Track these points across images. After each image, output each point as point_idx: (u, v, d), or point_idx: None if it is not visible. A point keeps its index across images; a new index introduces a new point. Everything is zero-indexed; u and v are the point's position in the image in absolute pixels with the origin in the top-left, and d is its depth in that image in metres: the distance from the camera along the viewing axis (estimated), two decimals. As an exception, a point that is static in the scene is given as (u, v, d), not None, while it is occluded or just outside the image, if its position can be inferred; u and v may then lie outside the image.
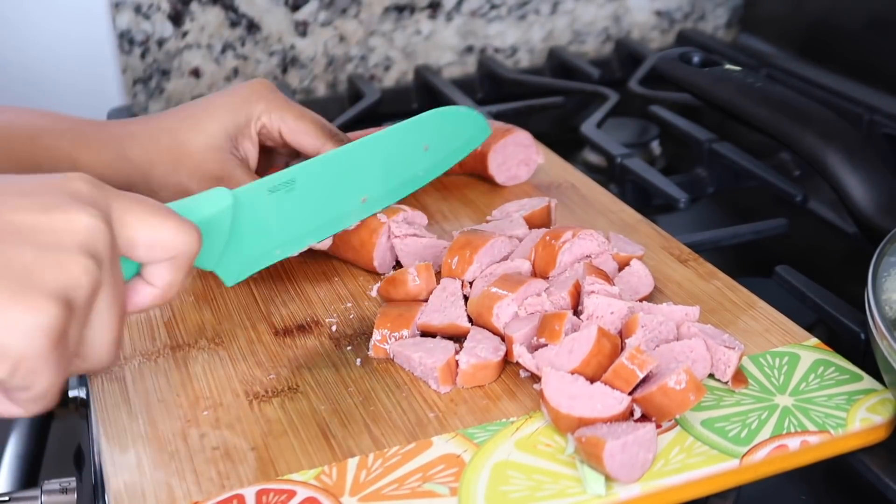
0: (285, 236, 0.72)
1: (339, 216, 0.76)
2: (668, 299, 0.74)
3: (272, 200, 0.70)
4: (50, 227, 0.50)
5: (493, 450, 0.60)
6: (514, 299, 0.68)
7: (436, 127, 0.82)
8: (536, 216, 0.81)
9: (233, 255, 0.67)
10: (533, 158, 0.94)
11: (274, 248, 0.71)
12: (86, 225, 0.50)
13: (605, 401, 0.60)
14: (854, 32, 1.15)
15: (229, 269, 0.67)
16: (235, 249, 0.67)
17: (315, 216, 0.73)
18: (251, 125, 0.81)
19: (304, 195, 0.72)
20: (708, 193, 1.03)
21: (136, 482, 0.59)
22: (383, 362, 0.69)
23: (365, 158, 0.77)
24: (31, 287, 0.48)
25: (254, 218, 0.68)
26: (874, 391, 0.64)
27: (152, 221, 0.54)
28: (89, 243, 0.50)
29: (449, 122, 0.83)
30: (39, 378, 0.49)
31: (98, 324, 0.52)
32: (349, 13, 1.27)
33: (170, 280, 0.56)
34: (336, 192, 0.75)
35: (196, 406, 0.65)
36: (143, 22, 1.19)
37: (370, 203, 0.77)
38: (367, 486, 0.58)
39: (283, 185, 0.70)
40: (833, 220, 0.97)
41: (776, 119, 0.85)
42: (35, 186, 0.51)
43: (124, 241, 0.53)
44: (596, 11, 1.37)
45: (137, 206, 0.54)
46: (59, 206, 0.50)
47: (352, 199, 0.76)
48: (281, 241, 0.71)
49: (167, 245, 0.55)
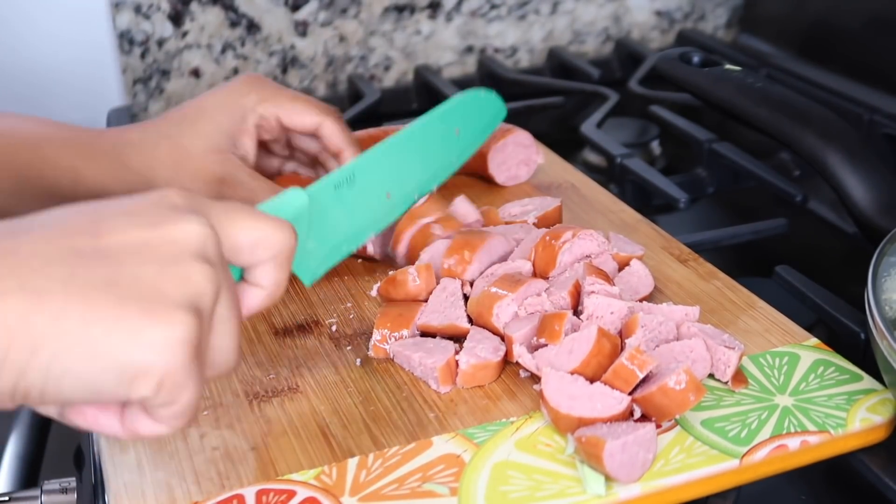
0: (350, 231, 0.73)
1: (392, 206, 0.78)
2: (668, 299, 0.74)
3: (337, 197, 0.72)
4: (164, 240, 0.50)
5: (493, 450, 0.60)
6: (514, 299, 0.68)
7: (464, 111, 0.86)
8: (549, 217, 0.81)
9: (308, 254, 0.68)
10: (533, 158, 0.94)
11: (341, 244, 0.73)
12: (197, 232, 0.50)
13: (605, 401, 0.60)
14: (854, 32, 1.15)
15: (307, 268, 0.69)
16: (310, 248, 0.68)
17: (373, 208, 0.76)
18: (248, 119, 0.81)
19: (362, 188, 0.74)
20: (708, 193, 1.03)
21: (136, 482, 0.59)
22: (383, 362, 0.69)
23: (411, 148, 0.80)
24: (163, 302, 0.48)
25: (324, 215, 0.70)
26: (874, 391, 0.64)
27: (250, 223, 0.54)
28: (204, 250, 0.50)
29: (473, 106, 0.87)
30: (184, 391, 0.49)
31: (221, 329, 0.52)
32: (349, 13, 1.27)
33: (275, 278, 0.56)
34: (389, 183, 0.78)
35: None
36: (143, 22, 1.19)
37: (416, 189, 0.81)
38: (367, 486, 0.58)
39: (345, 181, 0.72)
40: (833, 220, 0.97)
41: (776, 119, 0.85)
42: (135, 206, 0.51)
43: (228, 246, 0.54)
44: (596, 11, 1.37)
45: (234, 211, 0.54)
46: (166, 218, 0.50)
47: (402, 187, 0.79)
48: (346, 235, 0.73)
49: (268, 243, 0.55)
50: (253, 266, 0.56)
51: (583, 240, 0.74)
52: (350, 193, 0.73)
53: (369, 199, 0.75)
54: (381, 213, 0.77)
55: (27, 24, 1.13)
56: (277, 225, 0.55)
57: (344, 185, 0.72)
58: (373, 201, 0.76)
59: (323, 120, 0.81)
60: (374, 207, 0.76)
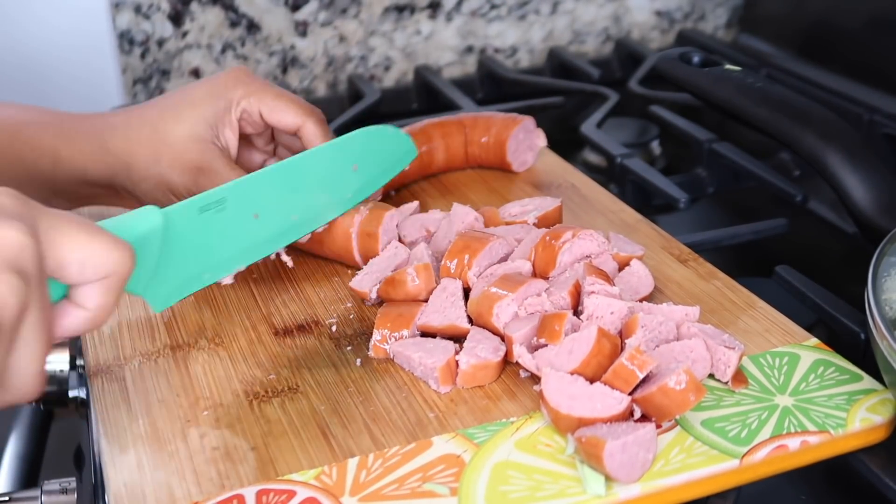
0: (214, 259, 0.69)
1: (269, 238, 0.73)
2: (668, 299, 0.74)
3: (202, 221, 0.68)
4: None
5: (493, 450, 0.60)
6: (514, 299, 0.68)
7: (364, 147, 0.80)
8: (549, 217, 0.81)
9: (161, 279, 0.64)
10: (536, 143, 0.96)
11: (202, 272, 0.69)
12: (12, 240, 0.47)
13: (605, 401, 0.60)
14: (854, 32, 1.15)
15: (157, 293, 0.65)
16: (164, 273, 0.64)
17: (244, 237, 0.71)
18: (231, 111, 0.81)
19: (234, 215, 0.70)
20: (708, 193, 1.03)
21: (136, 482, 0.59)
22: (383, 362, 0.69)
23: (295, 178, 0.75)
24: None
25: (183, 239, 0.66)
26: (874, 391, 0.64)
27: (83, 239, 0.51)
28: (16, 260, 0.47)
29: (376, 142, 0.82)
30: None
31: (23, 349, 0.48)
32: (349, 13, 1.27)
33: (101, 302, 0.53)
34: (266, 213, 0.73)
35: (196, 406, 0.65)
36: (143, 22, 1.19)
37: (301, 223, 0.76)
38: (367, 486, 0.58)
39: (213, 205, 0.68)
40: (833, 220, 0.97)
41: (776, 119, 0.85)
42: None
43: (53, 261, 0.50)
44: (596, 11, 1.37)
45: (67, 223, 0.51)
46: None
47: (282, 219, 0.74)
48: (210, 264, 0.69)
49: (100, 264, 0.52)
50: (79, 285, 0.52)
51: (583, 240, 0.74)
52: (218, 219, 0.69)
53: (240, 228, 0.71)
54: (252, 245, 0.72)
55: (27, 24, 1.13)
56: (114, 245, 0.52)
57: (212, 208, 0.68)
58: (244, 230, 0.71)
59: (305, 121, 0.81)
60: (245, 237, 0.71)
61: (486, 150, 0.95)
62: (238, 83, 0.81)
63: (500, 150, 0.95)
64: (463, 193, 0.93)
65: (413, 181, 0.94)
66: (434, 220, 0.81)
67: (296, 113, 0.81)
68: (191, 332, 0.73)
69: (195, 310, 0.76)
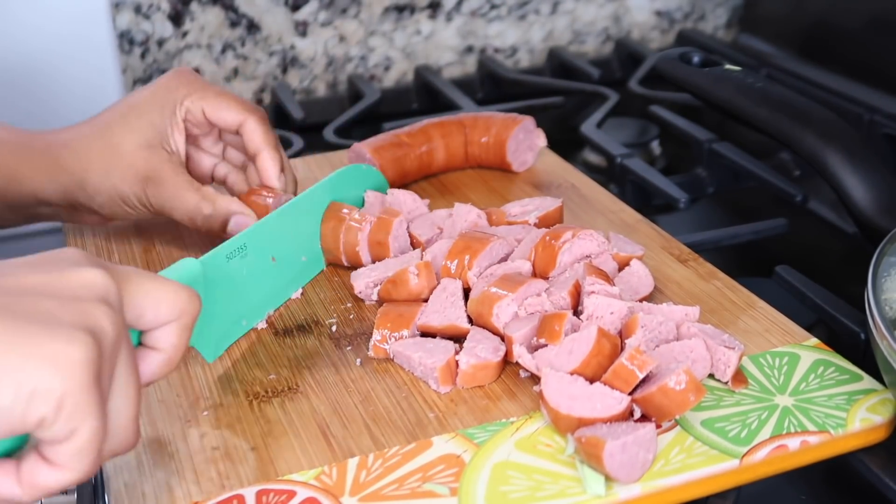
0: (247, 305, 0.73)
1: (288, 280, 0.78)
2: (668, 299, 0.74)
3: (230, 268, 0.71)
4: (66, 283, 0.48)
5: (493, 450, 0.60)
6: (514, 299, 0.68)
7: (345, 183, 0.84)
8: (549, 217, 0.81)
9: (207, 329, 0.67)
10: (535, 143, 0.96)
11: (240, 318, 0.72)
12: (101, 279, 0.49)
13: (605, 401, 0.60)
14: (854, 32, 1.15)
15: (207, 343, 0.68)
16: (209, 322, 0.67)
17: (268, 281, 0.75)
18: (176, 113, 0.81)
19: (254, 260, 0.74)
20: (708, 193, 1.03)
21: (136, 482, 0.59)
22: (383, 362, 0.69)
23: (298, 219, 0.79)
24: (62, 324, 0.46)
25: (217, 287, 0.69)
26: (874, 391, 0.64)
27: (153, 285, 0.53)
28: (106, 296, 0.49)
29: (354, 179, 0.86)
30: (84, 420, 0.46)
31: (120, 392, 0.49)
32: (349, 13, 1.27)
33: (175, 342, 0.54)
34: (281, 256, 0.76)
35: (196, 406, 0.65)
36: (143, 22, 1.19)
37: (310, 263, 0.80)
38: (367, 486, 0.58)
39: (237, 251, 0.72)
40: (833, 220, 0.97)
41: (776, 119, 0.85)
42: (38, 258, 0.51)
43: (130, 308, 0.52)
44: (596, 11, 1.37)
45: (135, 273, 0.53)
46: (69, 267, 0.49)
47: (294, 260, 0.78)
48: (245, 310, 0.73)
49: (173, 305, 0.53)
50: (153, 329, 0.54)
51: (583, 240, 0.74)
52: (243, 265, 0.72)
53: (262, 272, 0.75)
54: (276, 288, 0.76)
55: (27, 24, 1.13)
56: (181, 287, 0.54)
57: (236, 255, 0.72)
58: (266, 274, 0.75)
59: (246, 118, 0.81)
60: (268, 281, 0.75)
61: (486, 150, 0.95)
62: (180, 84, 0.82)
63: (500, 150, 0.95)
64: (463, 193, 0.93)
65: (413, 181, 0.94)
66: (443, 218, 0.82)
67: (237, 110, 0.81)
68: (191, 332, 0.73)
69: (195, 310, 0.76)
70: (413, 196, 0.85)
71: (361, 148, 0.91)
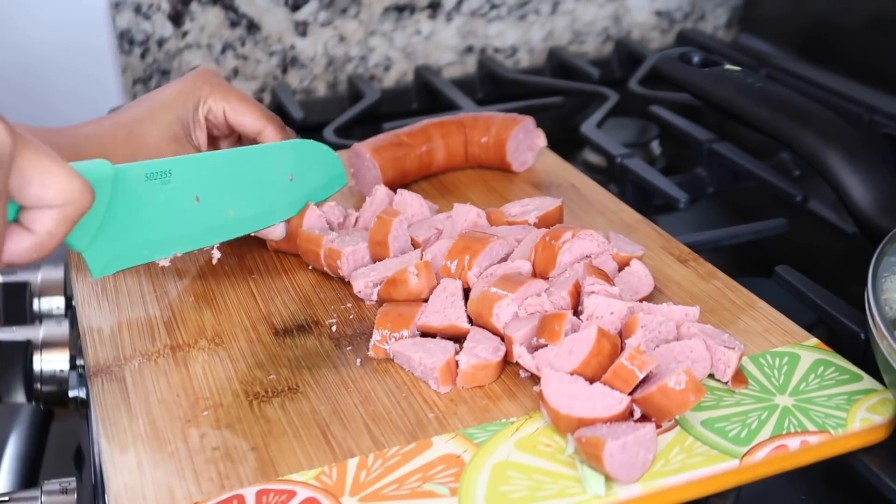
0: (155, 236, 0.71)
1: (208, 228, 0.75)
2: (668, 299, 0.74)
3: (147, 190, 0.69)
4: None
5: (493, 450, 0.60)
6: (514, 299, 0.68)
7: (300, 158, 0.81)
8: (549, 217, 0.81)
9: (103, 243, 0.66)
10: (535, 143, 0.96)
11: (143, 247, 0.71)
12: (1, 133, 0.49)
13: (605, 401, 0.60)
14: (854, 32, 1.15)
15: (98, 257, 0.67)
16: (107, 236, 0.66)
17: (185, 221, 0.73)
18: (199, 110, 0.83)
19: (177, 193, 0.72)
20: (708, 193, 1.03)
21: (136, 482, 0.59)
22: (383, 362, 0.69)
23: (234, 169, 0.77)
24: None
25: (128, 204, 0.68)
26: (874, 391, 0.64)
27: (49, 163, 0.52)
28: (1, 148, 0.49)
29: (312, 157, 0.82)
30: None
31: None
32: (349, 13, 1.27)
33: (52, 229, 0.54)
34: (207, 198, 0.74)
35: (196, 406, 0.65)
36: (143, 22, 1.19)
37: (238, 222, 0.77)
38: (367, 486, 0.58)
39: (159, 175, 0.70)
40: (833, 220, 0.97)
41: (776, 119, 0.85)
42: None
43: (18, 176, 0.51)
44: (596, 11, 1.37)
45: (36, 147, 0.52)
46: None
47: (221, 211, 0.76)
48: (151, 240, 0.71)
49: (60, 190, 0.53)
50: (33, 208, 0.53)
51: (583, 240, 0.74)
52: (162, 192, 0.70)
53: (182, 209, 0.72)
54: (192, 231, 0.74)
55: (27, 24, 1.13)
56: (77, 176, 0.53)
57: (157, 178, 0.70)
58: (185, 212, 0.73)
59: (265, 126, 0.83)
60: (186, 221, 0.73)
61: (486, 150, 0.95)
62: (205, 82, 0.84)
63: (500, 150, 0.95)
64: (463, 193, 0.93)
65: (413, 181, 0.94)
66: (441, 220, 0.81)
67: (257, 117, 0.83)
68: (191, 332, 0.73)
69: (195, 310, 0.76)
70: (420, 199, 0.84)
71: (361, 148, 0.91)
